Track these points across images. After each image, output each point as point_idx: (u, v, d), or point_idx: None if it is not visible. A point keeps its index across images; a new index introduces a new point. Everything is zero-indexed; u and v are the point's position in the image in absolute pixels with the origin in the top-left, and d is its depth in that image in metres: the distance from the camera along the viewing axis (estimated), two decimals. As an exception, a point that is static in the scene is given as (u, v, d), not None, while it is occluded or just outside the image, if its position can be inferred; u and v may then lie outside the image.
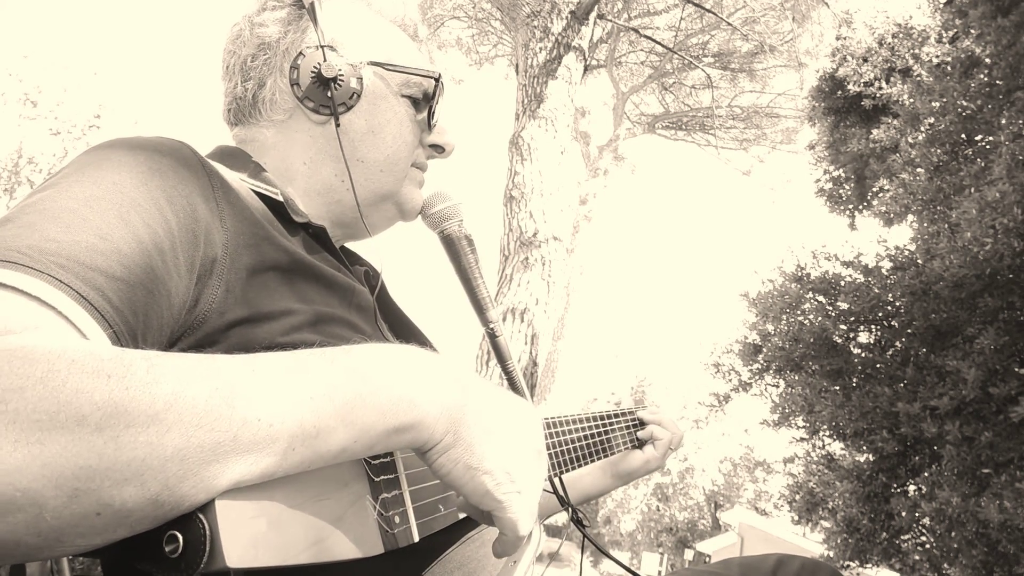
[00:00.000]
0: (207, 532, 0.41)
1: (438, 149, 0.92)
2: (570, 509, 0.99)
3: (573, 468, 1.04)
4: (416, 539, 0.57)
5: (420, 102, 0.88)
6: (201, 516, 0.41)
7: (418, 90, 0.87)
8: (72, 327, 0.46)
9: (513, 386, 0.90)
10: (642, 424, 1.31)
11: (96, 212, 0.52)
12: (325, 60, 0.78)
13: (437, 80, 0.87)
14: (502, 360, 0.91)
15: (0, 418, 0.36)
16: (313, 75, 0.78)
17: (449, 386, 0.53)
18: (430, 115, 0.89)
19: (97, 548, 0.41)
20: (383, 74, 0.84)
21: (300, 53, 0.80)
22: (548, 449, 0.96)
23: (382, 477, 0.56)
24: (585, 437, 1.10)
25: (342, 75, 0.79)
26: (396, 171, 0.86)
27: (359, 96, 0.81)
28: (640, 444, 1.29)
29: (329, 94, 0.79)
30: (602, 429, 1.17)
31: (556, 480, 0.99)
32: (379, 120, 0.84)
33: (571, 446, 1.04)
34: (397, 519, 0.56)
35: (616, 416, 1.25)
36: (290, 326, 0.64)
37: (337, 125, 0.80)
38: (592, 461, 1.11)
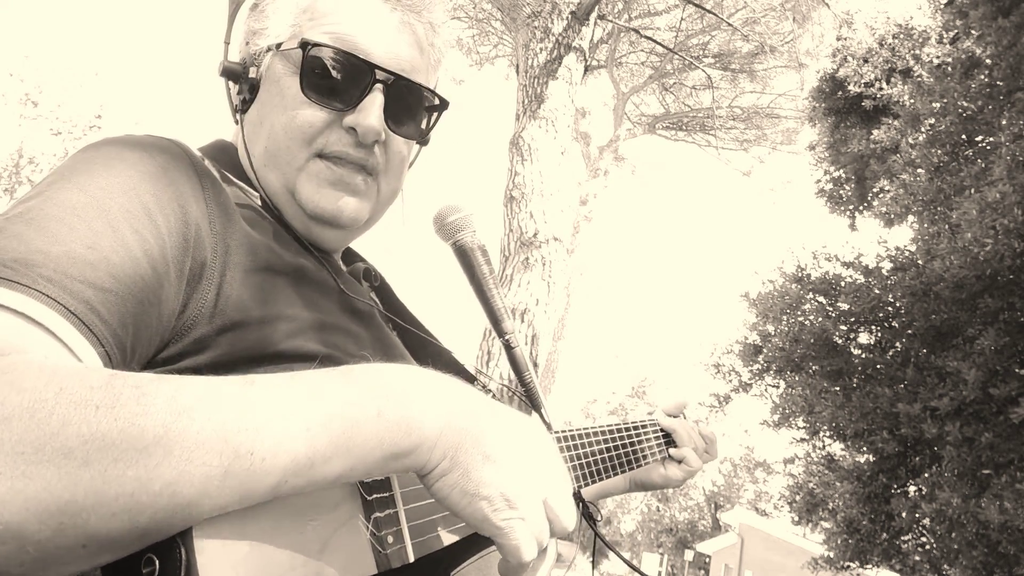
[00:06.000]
0: (183, 556, 0.40)
1: (351, 131, 0.73)
2: (581, 504, 0.97)
3: (601, 479, 1.00)
4: (411, 559, 0.55)
5: (321, 75, 0.72)
6: (178, 539, 0.41)
7: (321, 63, 0.71)
8: (62, 345, 0.45)
9: (531, 398, 0.87)
10: (672, 440, 1.26)
11: (84, 221, 0.50)
12: (226, 58, 0.75)
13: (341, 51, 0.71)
14: (519, 372, 0.87)
15: None
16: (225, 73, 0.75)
17: (448, 409, 0.51)
18: (344, 95, 0.72)
19: (82, 572, 0.40)
20: (288, 54, 0.73)
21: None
22: (573, 460, 0.92)
23: (375, 496, 0.54)
24: (614, 448, 1.06)
25: (244, 68, 0.74)
26: (280, 163, 0.73)
27: (257, 88, 0.74)
28: (669, 457, 1.26)
29: (239, 91, 0.75)
30: (630, 440, 1.13)
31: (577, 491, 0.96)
32: (265, 109, 0.74)
33: (598, 457, 1.00)
34: (391, 539, 0.53)
35: (645, 426, 1.21)
36: (284, 332, 0.62)
37: (236, 123, 0.75)
38: (621, 472, 1.06)
